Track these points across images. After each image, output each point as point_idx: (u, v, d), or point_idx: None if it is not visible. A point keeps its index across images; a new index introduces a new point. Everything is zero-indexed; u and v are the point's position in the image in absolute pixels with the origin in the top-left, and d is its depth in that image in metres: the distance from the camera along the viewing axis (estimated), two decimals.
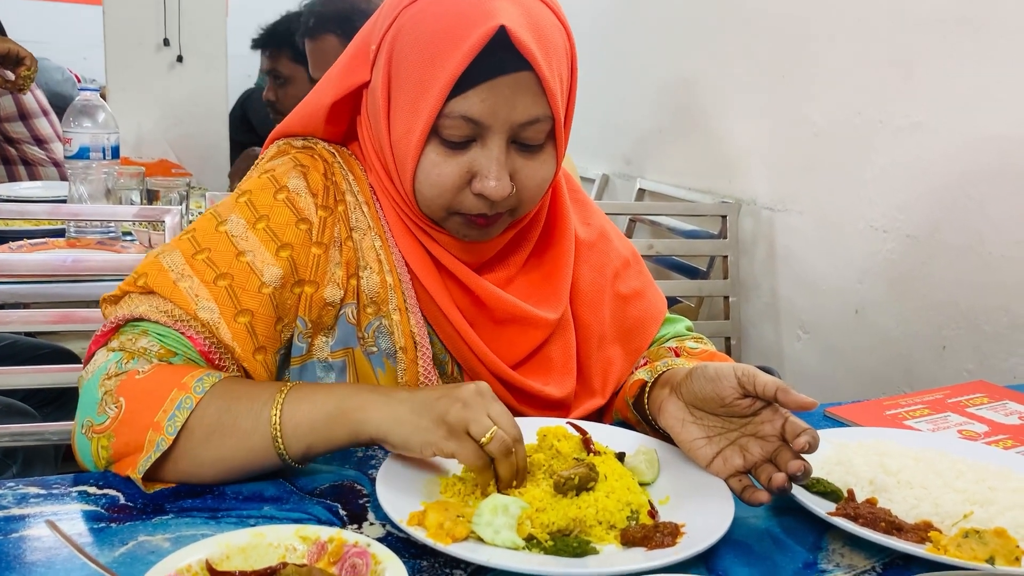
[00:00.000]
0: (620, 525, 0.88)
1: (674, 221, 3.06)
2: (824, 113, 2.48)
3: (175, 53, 3.30)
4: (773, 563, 0.87)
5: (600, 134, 3.62)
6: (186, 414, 0.90)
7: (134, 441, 0.90)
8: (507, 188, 0.98)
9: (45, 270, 1.67)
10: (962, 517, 0.93)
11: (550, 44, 0.97)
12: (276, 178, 1.06)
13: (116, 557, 0.79)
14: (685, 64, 3.11)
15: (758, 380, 0.93)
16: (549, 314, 1.12)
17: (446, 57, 0.94)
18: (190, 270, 0.99)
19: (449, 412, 0.87)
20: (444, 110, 0.96)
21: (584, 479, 0.89)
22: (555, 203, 1.16)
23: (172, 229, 1.63)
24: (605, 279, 1.20)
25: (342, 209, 1.08)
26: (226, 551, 0.73)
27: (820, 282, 2.53)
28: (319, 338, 1.06)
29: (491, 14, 0.93)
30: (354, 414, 0.90)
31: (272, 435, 0.90)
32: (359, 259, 1.07)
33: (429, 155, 0.99)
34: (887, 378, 2.28)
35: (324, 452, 0.93)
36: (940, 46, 2.13)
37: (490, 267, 1.13)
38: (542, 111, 0.98)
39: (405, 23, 0.98)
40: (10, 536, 0.82)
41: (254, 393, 0.93)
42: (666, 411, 1.01)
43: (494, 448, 0.85)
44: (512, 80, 0.95)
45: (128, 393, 0.92)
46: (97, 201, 2.26)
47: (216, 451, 0.91)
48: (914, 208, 2.21)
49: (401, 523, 0.82)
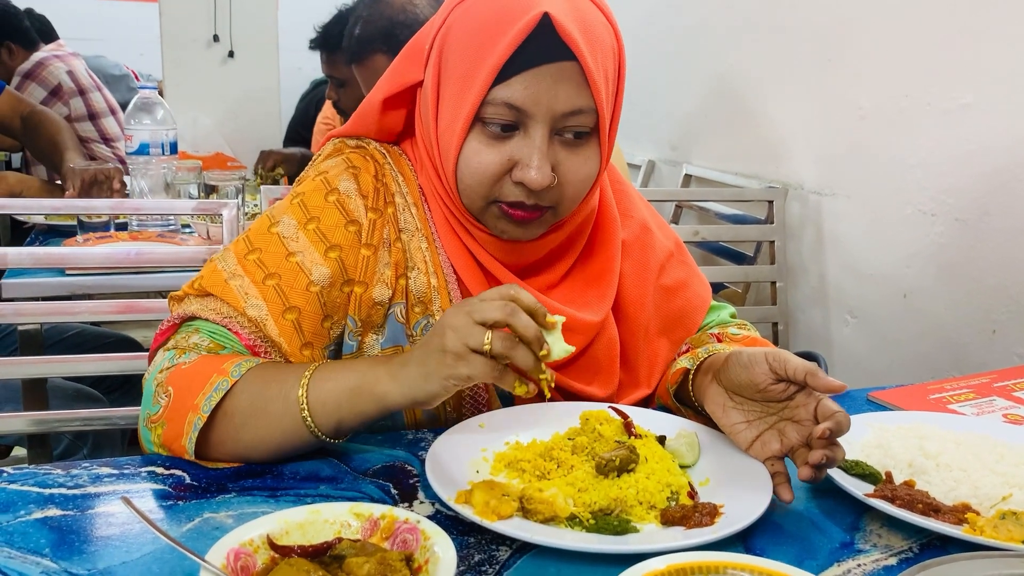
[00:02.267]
0: (660, 505, 0.91)
1: (720, 207, 3.05)
2: (871, 96, 2.45)
3: (226, 49, 3.36)
4: (811, 543, 0.89)
5: (646, 120, 3.61)
6: (221, 395, 0.95)
7: (180, 427, 0.96)
8: (548, 178, 0.99)
9: (110, 262, 1.74)
10: (1000, 499, 0.93)
11: (595, 37, 0.98)
12: (328, 180, 1.10)
13: (183, 532, 0.84)
14: (731, 49, 3.09)
15: (789, 364, 0.94)
16: (592, 316, 1.13)
17: (491, 46, 0.96)
18: (241, 270, 1.04)
19: (445, 342, 0.89)
20: (487, 97, 0.97)
21: (625, 461, 0.93)
22: (602, 209, 1.17)
23: (229, 222, 1.69)
24: (650, 273, 1.21)
25: (391, 211, 1.10)
26: (285, 527, 0.77)
27: (868, 267, 2.51)
28: (369, 336, 1.10)
29: (536, 3, 0.95)
30: (375, 388, 0.93)
31: (302, 415, 0.94)
32: (407, 260, 1.10)
33: (471, 143, 1.01)
34: (936, 363, 2.26)
35: (357, 425, 0.97)
36: (989, 27, 2.09)
37: (535, 272, 1.14)
38: (585, 102, 0.99)
39: (455, 20, 1.01)
40: (87, 512, 0.88)
41: (283, 376, 0.97)
42: (709, 397, 1.04)
43: (498, 349, 0.88)
44: (555, 68, 0.97)
45: (175, 383, 0.98)
46: (157, 195, 2.34)
47: (254, 433, 0.96)
48: (963, 191, 2.18)
49: (449, 500, 0.85)
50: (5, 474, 0.94)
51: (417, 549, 0.76)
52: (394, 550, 0.76)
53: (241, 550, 0.73)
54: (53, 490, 0.91)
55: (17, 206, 1.88)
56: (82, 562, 0.78)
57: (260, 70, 3.43)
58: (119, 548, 0.81)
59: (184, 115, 3.35)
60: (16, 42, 3.77)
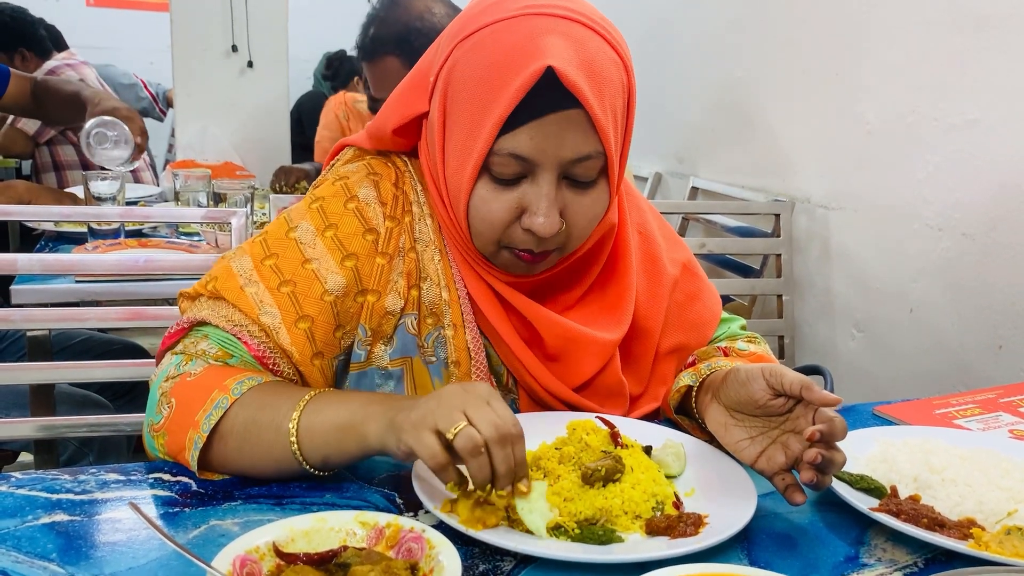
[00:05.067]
0: (645, 515, 0.91)
1: (727, 219, 3.05)
2: (878, 111, 2.45)
3: (245, 59, 3.38)
4: (815, 556, 0.89)
5: (653, 133, 3.62)
6: (220, 413, 0.94)
7: (181, 441, 0.96)
8: (556, 225, 0.98)
9: (119, 270, 1.75)
10: (1006, 515, 0.93)
11: (603, 79, 0.95)
12: (348, 187, 1.09)
13: (190, 539, 0.84)
14: (738, 62, 3.10)
15: (785, 379, 0.94)
16: (609, 336, 1.12)
17: (495, 98, 0.94)
18: (257, 276, 1.04)
19: (416, 409, 0.84)
20: (493, 148, 0.96)
21: (611, 471, 0.93)
22: (619, 238, 1.15)
23: (238, 230, 1.70)
24: (663, 288, 1.20)
25: (408, 220, 1.10)
26: (291, 534, 0.78)
27: (874, 281, 2.51)
28: (378, 346, 1.09)
29: (540, 53, 0.92)
30: (359, 428, 0.91)
31: (291, 449, 0.93)
32: (420, 270, 1.09)
33: (480, 191, 0.99)
34: (942, 378, 2.26)
35: (341, 463, 0.96)
36: (996, 43, 2.10)
37: (549, 296, 1.13)
38: (593, 148, 0.97)
39: (460, 58, 0.98)
40: (94, 518, 0.88)
41: (277, 403, 0.95)
42: (710, 416, 1.04)
43: (458, 444, 0.81)
44: (561, 117, 0.94)
45: (179, 394, 0.98)
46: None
47: (248, 460, 0.96)
48: (969, 206, 2.18)
49: (435, 509, 0.86)
50: (13, 479, 0.95)
51: (422, 558, 0.76)
52: (399, 559, 0.77)
53: (247, 557, 0.74)
54: (60, 495, 0.92)
55: (27, 213, 1.89)
56: (89, 567, 0.79)
57: (272, 80, 3.45)
58: (126, 554, 0.81)
59: (193, 123, 3.37)
60: (30, 49, 3.81)
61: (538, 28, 0.94)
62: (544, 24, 0.94)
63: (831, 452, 0.91)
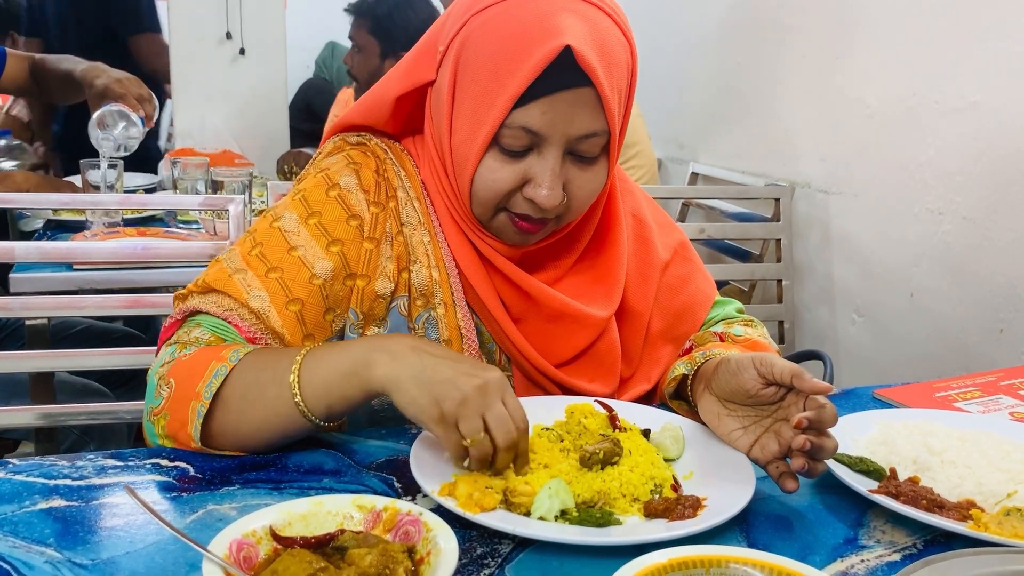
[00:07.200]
0: (643, 498, 0.91)
1: (727, 205, 3.04)
2: (878, 94, 2.44)
3: (237, 46, 3.36)
4: (814, 538, 0.89)
5: (653, 118, 3.60)
6: (220, 380, 0.95)
7: (183, 415, 0.97)
8: (558, 198, 1.02)
9: (118, 257, 1.75)
10: (1005, 496, 0.93)
11: (613, 61, 0.99)
12: (329, 176, 1.10)
13: (187, 523, 0.84)
14: (738, 47, 3.09)
15: (775, 368, 0.95)
16: (599, 312, 1.13)
17: (511, 72, 0.96)
18: (244, 264, 1.05)
19: (445, 401, 0.87)
20: (506, 120, 0.98)
21: (609, 454, 0.94)
22: (608, 208, 1.17)
23: (236, 217, 1.69)
24: (653, 270, 1.21)
25: (393, 205, 1.11)
26: (288, 518, 0.78)
27: (875, 265, 2.50)
28: (371, 329, 1.10)
29: (557, 32, 0.95)
30: (364, 371, 0.92)
31: (294, 401, 0.94)
32: (409, 253, 1.10)
33: (488, 162, 1.02)
34: (943, 362, 2.25)
35: (345, 410, 0.96)
36: (997, 24, 2.09)
37: (539, 266, 1.14)
38: (599, 126, 1.00)
39: (473, 31, 1.00)
40: (91, 503, 0.88)
41: (276, 360, 0.97)
42: (703, 406, 1.05)
43: (473, 453, 0.87)
44: (573, 95, 0.97)
45: (177, 374, 0.98)
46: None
47: (252, 422, 0.97)
48: (970, 190, 2.18)
49: (432, 493, 0.86)
50: (11, 465, 0.95)
51: (419, 541, 0.76)
52: (396, 542, 0.77)
53: (244, 541, 0.74)
54: (58, 481, 0.92)
55: (25, 201, 1.89)
56: (86, 552, 0.79)
57: (269, 67, 3.43)
58: (123, 538, 0.81)
59: (191, 112, 3.35)
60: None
61: (554, 6, 0.97)
62: (559, 2, 0.97)
63: (821, 439, 0.91)
